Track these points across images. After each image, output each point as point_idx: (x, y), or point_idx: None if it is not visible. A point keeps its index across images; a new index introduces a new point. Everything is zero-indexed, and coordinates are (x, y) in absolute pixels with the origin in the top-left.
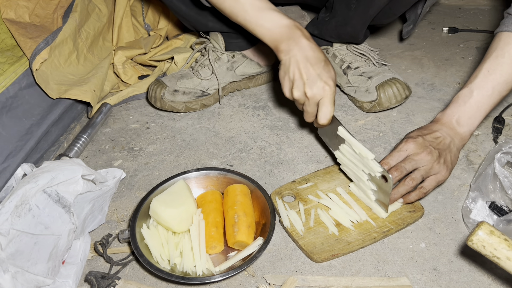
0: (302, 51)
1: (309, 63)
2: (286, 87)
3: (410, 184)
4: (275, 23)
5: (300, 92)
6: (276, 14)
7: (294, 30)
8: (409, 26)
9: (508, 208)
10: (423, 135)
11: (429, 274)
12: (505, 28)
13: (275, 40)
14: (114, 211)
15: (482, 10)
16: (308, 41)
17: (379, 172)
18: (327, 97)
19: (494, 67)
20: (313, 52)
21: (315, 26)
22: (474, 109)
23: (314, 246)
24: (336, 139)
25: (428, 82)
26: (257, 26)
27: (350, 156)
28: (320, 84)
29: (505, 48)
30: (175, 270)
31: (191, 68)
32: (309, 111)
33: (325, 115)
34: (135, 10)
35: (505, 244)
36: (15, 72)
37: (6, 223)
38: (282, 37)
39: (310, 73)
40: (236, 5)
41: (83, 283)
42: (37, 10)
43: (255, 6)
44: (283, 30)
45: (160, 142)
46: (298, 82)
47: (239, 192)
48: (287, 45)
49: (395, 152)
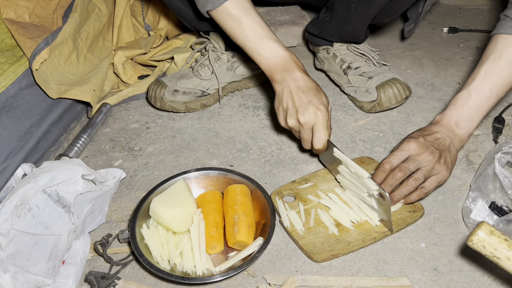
0: (295, 82)
1: (300, 91)
2: (281, 117)
3: (413, 185)
4: (273, 54)
5: (293, 119)
6: (274, 44)
7: (289, 62)
8: (411, 25)
9: (508, 208)
10: (424, 136)
11: (429, 274)
12: (502, 31)
13: (270, 69)
14: (114, 211)
15: (482, 10)
16: (301, 73)
17: (375, 190)
18: (319, 122)
19: (492, 70)
20: (305, 82)
21: (315, 26)
22: (472, 111)
23: (314, 246)
24: (335, 163)
25: (428, 82)
26: (255, 53)
27: (350, 177)
28: (311, 110)
29: (503, 50)
30: (175, 270)
31: (191, 68)
32: (305, 138)
33: (319, 140)
34: (135, 10)
35: (505, 244)
36: (15, 72)
37: (6, 223)
38: (278, 68)
39: (302, 101)
40: (238, 29)
41: (83, 283)
42: (37, 10)
43: (256, 33)
44: (279, 61)
45: (160, 142)
46: (291, 110)
47: (239, 192)
48: (281, 76)
49: (397, 152)
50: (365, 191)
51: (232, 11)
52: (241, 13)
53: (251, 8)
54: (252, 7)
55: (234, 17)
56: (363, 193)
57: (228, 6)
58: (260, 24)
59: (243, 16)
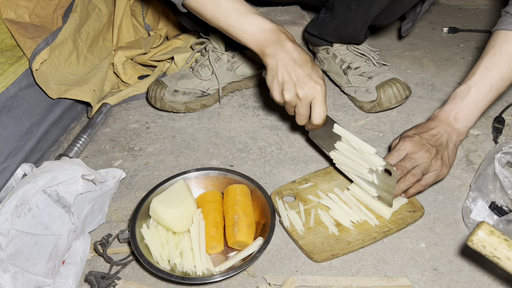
0: (289, 54)
1: (297, 64)
2: (276, 91)
3: (411, 180)
4: (259, 27)
5: (291, 93)
6: (259, 18)
7: (279, 33)
8: (408, 24)
9: (508, 208)
10: (420, 133)
11: (429, 274)
12: (502, 27)
13: (260, 44)
14: (114, 211)
15: (482, 10)
16: (293, 44)
17: (381, 166)
18: (319, 96)
19: (492, 65)
20: (299, 54)
21: (315, 26)
22: (471, 105)
23: (314, 246)
24: (330, 139)
25: (428, 82)
26: (241, 31)
27: (348, 153)
28: (311, 83)
29: (503, 46)
30: (175, 270)
31: (191, 68)
32: (302, 113)
33: (319, 115)
34: (135, 10)
35: (505, 244)
36: (15, 72)
37: (6, 223)
38: (268, 41)
39: (299, 74)
40: (218, 10)
41: (83, 283)
42: (37, 10)
43: (237, 10)
44: (268, 34)
45: (160, 142)
46: (289, 84)
47: (239, 192)
48: (273, 49)
49: (394, 152)
50: (365, 167)
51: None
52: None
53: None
54: None
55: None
56: (362, 170)
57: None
58: (240, 1)
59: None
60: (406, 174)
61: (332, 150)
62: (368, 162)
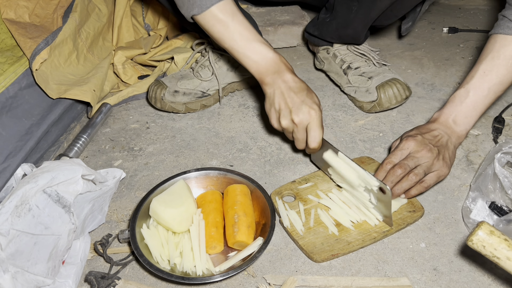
0: (286, 83)
1: (292, 92)
2: (274, 118)
3: (413, 179)
4: (262, 56)
5: (287, 120)
6: (263, 47)
7: (279, 64)
8: (408, 23)
9: (508, 208)
10: (422, 134)
11: (429, 274)
12: (500, 31)
13: (260, 72)
14: (114, 211)
15: (482, 10)
16: (291, 75)
17: (375, 186)
18: (313, 121)
19: (490, 69)
20: (296, 83)
21: (315, 27)
22: (470, 108)
23: (314, 246)
24: (326, 163)
25: (428, 82)
26: (244, 57)
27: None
28: (305, 109)
29: (501, 50)
30: (175, 270)
31: (191, 69)
32: (299, 138)
33: (315, 139)
34: (135, 10)
35: (505, 244)
36: (15, 72)
37: (6, 223)
38: (268, 70)
39: (294, 101)
40: (225, 33)
41: (83, 283)
42: (37, 10)
43: (244, 36)
44: (269, 64)
45: (160, 142)
46: (284, 111)
47: (239, 192)
48: (271, 79)
49: (397, 151)
50: (362, 186)
51: (219, 15)
52: (228, 17)
53: (237, 11)
54: (238, 11)
55: (221, 21)
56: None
57: (215, 11)
58: (247, 27)
59: (230, 20)
60: (409, 174)
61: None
62: (363, 181)
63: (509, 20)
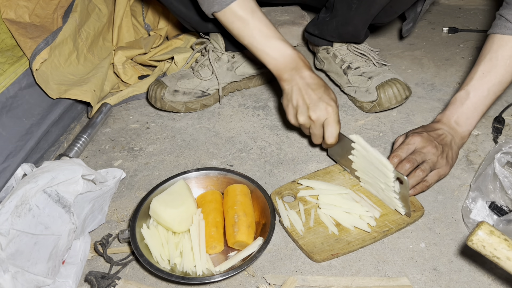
0: (303, 80)
1: (310, 88)
2: (291, 114)
3: (420, 175)
4: (280, 53)
5: (304, 116)
6: (282, 44)
7: (297, 60)
8: (409, 24)
9: (508, 208)
10: (428, 131)
11: (429, 274)
12: (497, 31)
13: (279, 69)
14: (114, 211)
15: (482, 10)
16: (309, 72)
17: (392, 177)
18: (331, 117)
19: (489, 69)
20: (313, 80)
21: (315, 26)
22: (471, 110)
23: (314, 246)
24: (347, 155)
25: (428, 82)
26: (263, 53)
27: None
28: (322, 106)
29: (499, 50)
30: (175, 270)
31: (191, 68)
32: (316, 133)
33: (332, 134)
34: (135, 10)
35: (505, 244)
36: (15, 72)
37: (6, 223)
38: (286, 67)
39: (312, 98)
40: (245, 29)
41: (83, 283)
42: (37, 10)
43: (263, 33)
44: (287, 61)
45: (160, 142)
46: (302, 108)
47: (239, 192)
48: (290, 75)
49: (404, 146)
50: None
51: (239, 12)
52: (247, 14)
53: (257, 8)
54: (258, 7)
55: (241, 18)
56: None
57: (235, 8)
58: (266, 24)
59: (250, 17)
60: (416, 170)
61: (351, 165)
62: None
63: (506, 20)
